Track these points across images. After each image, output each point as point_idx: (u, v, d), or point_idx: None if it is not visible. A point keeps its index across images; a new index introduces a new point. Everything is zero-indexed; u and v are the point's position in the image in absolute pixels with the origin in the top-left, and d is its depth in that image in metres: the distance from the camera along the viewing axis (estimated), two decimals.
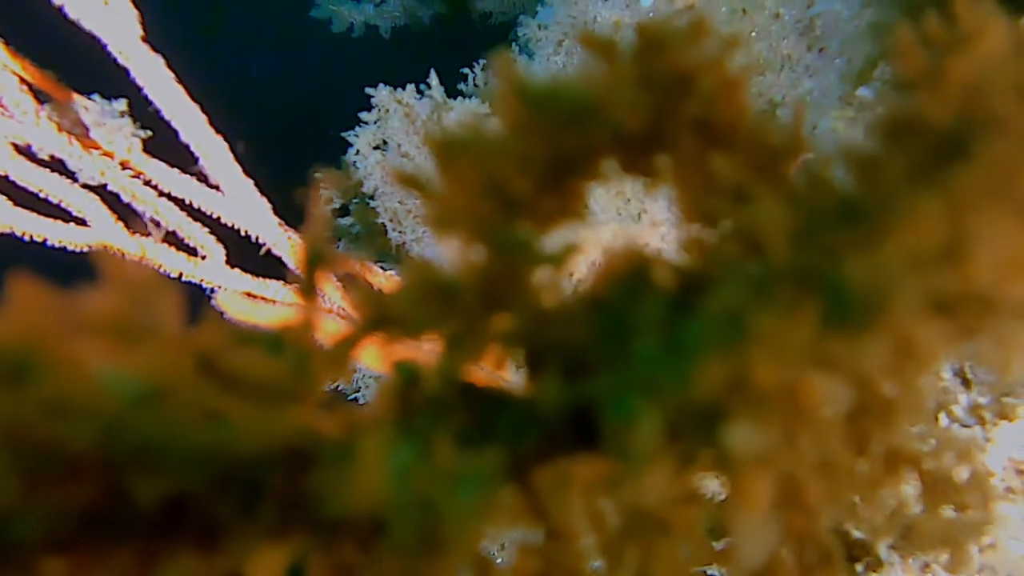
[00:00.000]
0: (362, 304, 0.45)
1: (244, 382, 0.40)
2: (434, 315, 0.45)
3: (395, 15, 4.33)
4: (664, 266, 0.46)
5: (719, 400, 0.38)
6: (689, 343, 0.40)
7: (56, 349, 0.36)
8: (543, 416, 0.44)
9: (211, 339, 0.40)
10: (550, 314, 0.45)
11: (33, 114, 1.36)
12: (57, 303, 0.37)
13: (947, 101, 0.44)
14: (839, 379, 0.38)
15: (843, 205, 0.41)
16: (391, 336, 0.45)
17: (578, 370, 0.44)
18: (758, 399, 0.38)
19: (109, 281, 0.41)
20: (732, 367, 0.38)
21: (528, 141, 0.45)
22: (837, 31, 2.16)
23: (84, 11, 1.26)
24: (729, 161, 0.46)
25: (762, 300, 0.38)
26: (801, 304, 0.38)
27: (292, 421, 0.41)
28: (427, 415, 0.45)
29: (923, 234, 0.38)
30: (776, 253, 0.40)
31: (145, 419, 0.37)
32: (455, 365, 0.45)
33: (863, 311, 0.38)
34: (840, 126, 2.09)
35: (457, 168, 0.45)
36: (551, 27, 2.59)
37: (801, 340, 0.37)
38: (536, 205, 0.47)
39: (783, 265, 0.40)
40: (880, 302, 0.37)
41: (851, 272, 0.38)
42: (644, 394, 0.40)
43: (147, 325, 0.39)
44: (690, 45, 0.45)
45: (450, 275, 0.45)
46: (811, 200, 0.42)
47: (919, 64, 0.47)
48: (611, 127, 0.45)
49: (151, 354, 0.37)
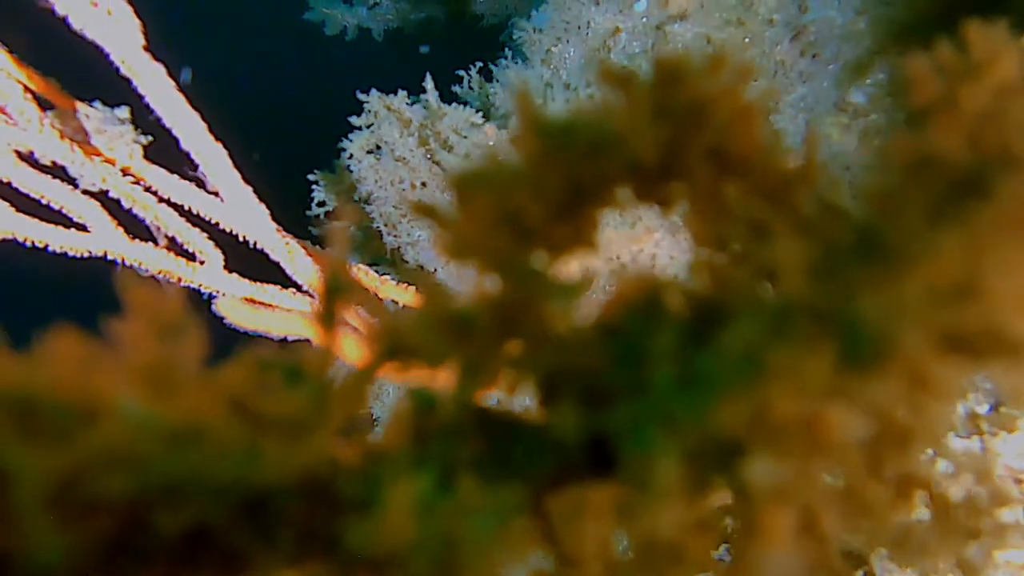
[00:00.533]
0: (378, 334, 0.45)
1: (266, 418, 0.41)
2: (450, 345, 0.45)
3: (388, 18, 4.34)
4: (677, 292, 0.47)
5: (737, 433, 0.39)
6: (707, 376, 0.40)
7: (93, 399, 0.37)
8: (558, 444, 0.44)
9: (236, 376, 0.41)
10: (564, 341, 0.46)
11: (37, 122, 1.36)
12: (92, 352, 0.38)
13: (961, 131, 0.45)
14: (856, 412, 0.39)
15: (859, 239, 0.42)
16: (407, 365, 0.46)
17: (592, 397, 0.45)
18: (776, 433, 0.38)
19: (135, 314, 0.41)
20: (751, 402, 0.38)
21: (545, 173, 0.45)
22: (831, 37, 2.17)
23: (87, 21, 1.26)
24: (742, 189, 0.47)
25: (780, 335, 0.39)
26: (818, 340, 0.38)
27: (310, 452, 0.42)
28: (442, 442, 0.45)
29: (940, 271, 0.38)
30: (794, 288, 0.40)
31: (175, 462, 0.37)
32: (470, 392, 0.46)
33: (879, 348, 0.38)
34: (834, 132, 2.10)
35: (474, 200, 0.45)
36: (545, 31, 2.59)
37: (819, 376, 0.38)
38: (550, 233, 0.47)
39: (800, 300, 0.40)
40: (895, 339, 0.38)
41: (867, 309, 0.38)
42: (662, 426, 0.40)
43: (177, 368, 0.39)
44: (707, 77, 0.45)
45: (465, 305, 0.45)
46: (827, 234, 0.43)
47: (932, 92, 0.47)
48: (627, 159, 0.46)
49: (183, 400, 0.38)
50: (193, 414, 0.38)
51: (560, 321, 0.45)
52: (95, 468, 0.36)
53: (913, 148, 0.44)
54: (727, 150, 0.47)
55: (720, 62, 0.45)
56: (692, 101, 0.46)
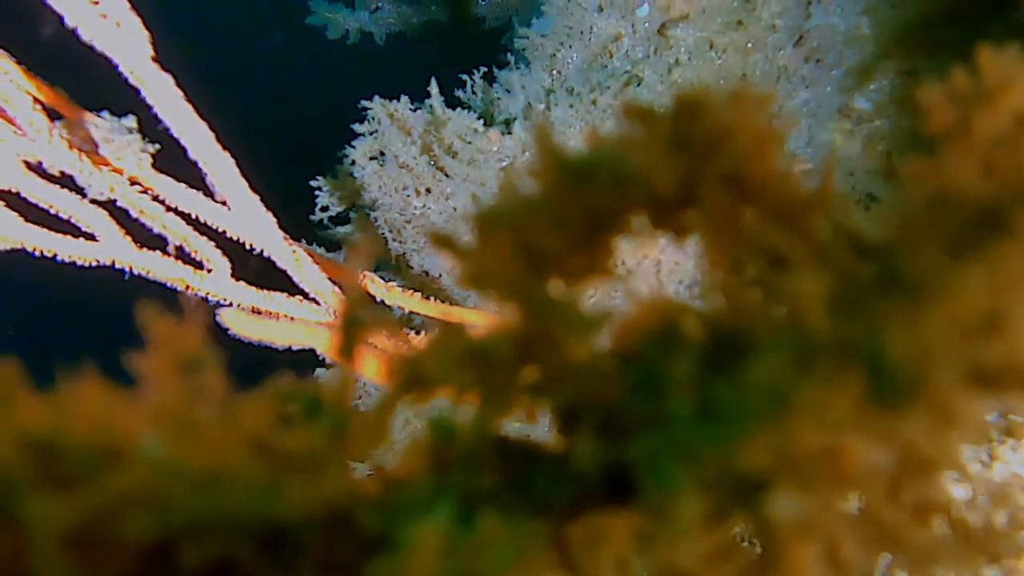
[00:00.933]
0: (398, 365, 0.46)
1: (286, 454, 0.41)
2: (469, 375, 0.45)
3: (390, 21, 4.34)
4: (693, 317, 0.47)
5: (760, 467, 0.39)
6: (729, 410, 0.40)
7: (116, 441, 0.38)
8: (577, 473, 0.45)
9: (257, 413, 0.41)
10: (582, 370, 0.46)
11: (46, 132, 1.37)
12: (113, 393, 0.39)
13: (976, 158, 0.45)
14: (881, 446, 0.39)
15: (880, 271, 0.42)
16: (426, 396, 0.46)
17: (611, 426, 0.45)
18: (800, 467, 0.39)
19: (156, 349, 0.42)
20: (775, 437, 0.39)
21: (564, 206, 0.46)
22: (834, 42, 2.17)
23: (97, 33, 1.27)
24: (758, 215, 0.47)
25: (803, 371, 0.39)
26: (843, 375, 0.39)
27: (330, 486, 0.42)
28: (462, 471, 0.46)
29: (964, 306, 0.39)
30: (816, 323, 0.41)
31: (199, 502, 0.38)
32: (489, 421, 0.46)
33: (907, 387, 0.38)
34: (838, 138, 2.10)
35: (495, 235, 0.46)
36: (548, 37, 2.60)
37: (845, 411, 0.38)
38: (567, 262, 0.48)
39: (823, 335, 0.40)
40: (923, 378, 0.38)
41: (893, 346, 0.39)
42: (682, 460, 0.41)
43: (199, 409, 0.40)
44: (725, 109, 0.46)
45: (484, 336, 0.45)
46: (846, 264, 0.43)
47: (946, 119, 0.48)
48: (646, 191, 0.46)
49: (205, 441, 0.39)
50: (215, 455, 0.39)
51: (578, 350, 0.46)
52: (119, 510, 0.37)
53: (930, 178, 0.45)
54: (743, 176, 0.47)
55: (739, 96, 0.46)
56: (710, 131, 0.46)
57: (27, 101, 1.35)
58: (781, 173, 0.47)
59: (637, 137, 0.46)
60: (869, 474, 0.40)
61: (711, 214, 0.48)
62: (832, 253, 0.45)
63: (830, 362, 0.40)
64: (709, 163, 0.47)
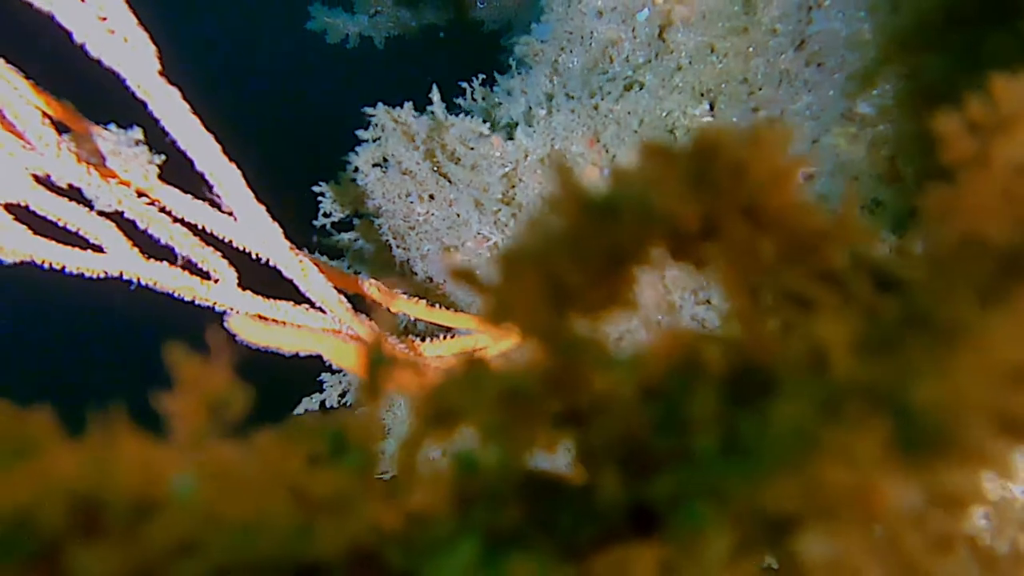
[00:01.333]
0: (423, 401, 0.46)
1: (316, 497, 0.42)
2: (494, 410, 0.46)
3: (388, 25, 4.35)
4: (714, 349, 0.47)
5: (788, 507, 0.40)
6: (756, 450, 0.41)
7: (157, 493, 0.38)
8: (601, 507, 0.45)
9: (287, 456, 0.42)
10: (606, 405, 0.46)
11: (55, 146, 1.37)
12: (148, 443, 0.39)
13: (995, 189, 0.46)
14: (909, 487, 0.40)
15: (905, 314, 0.43)
16: (451, 431, 0.46)
17: (635, 460, 0.45)
18: (829, 508, 0.39)
19: (184, 389, 0.43)
20: (803, 479, 0.39)
21: (586, 242, 0.46)
22: (835, 47, 2.17)
23: (104, 49, 1.27)
24: (778, 247, 0.48)
25: (830, 415, 0.40)
26: (872, 421, 0.39)
27: (358, 526, 0.42)
28: (486, 507, 0.46)
29: (995, 355, 0.39)
30: (842, 370, 0.41)
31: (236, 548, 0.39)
32: (514, 456, 0.46)
33: (936, 436, 0.39)
34: (842, 142, 2.11)
35: (518, 270, 0.46)
36: (548, 42, 2.60)
37: (873, 457, 0.38)
38: (587, 296, 0.48)
39: (851, 380, 0.41)
40: (954, 427, 0.39)
41: (923, 393, 0.39)
42: (709, 498, 0.41)
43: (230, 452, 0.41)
44: (744, 146, 0.46)
45: (512, 373, 0.46)
46: (869, 302, 0.43)
47: (964, 149, 0.48)
48: (666, 226, 0.47)
49: (240, 489, 0.39)
50: (250, 500, 0.39)
51: (603, 386, 0.46)
52: (163, 560, 0.37)
53: (952, 211, 0.45)
54: (761, 208, 0.48)
55: (757, 133, 0.46)
56: (728, 166, 0.46)
57: (36, 116, 1.35)
58: (799, 204, 0.48)
59: (658, 174, 0.46)
60: (897, 512, 0.40)
61: (730, 246, 0.48)
62: (853, 288, 0.45)
63: (857, 406, 0.40)
64: (728, 197, 0.47)
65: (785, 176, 0.48)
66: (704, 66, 2.34)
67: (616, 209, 0.46)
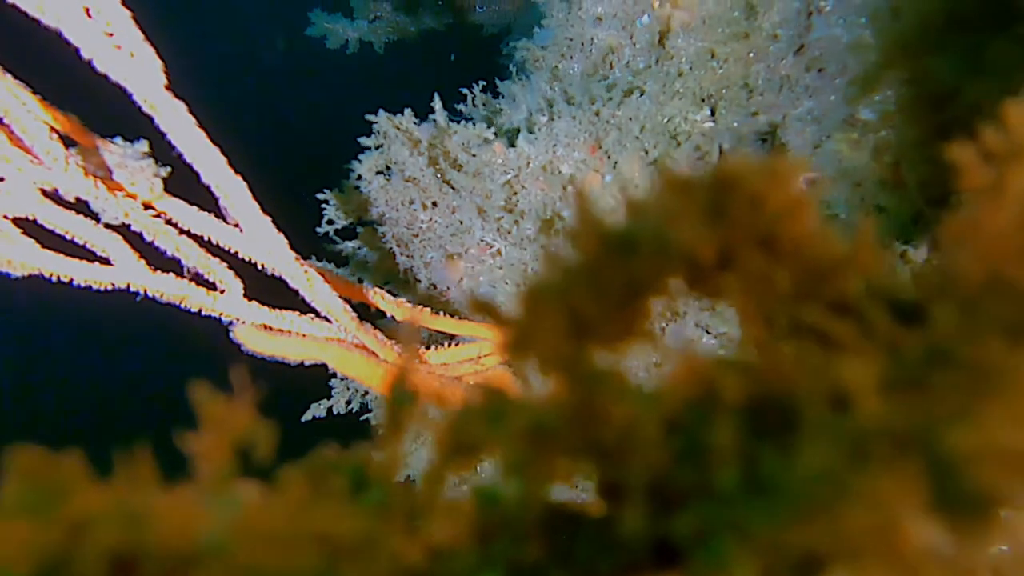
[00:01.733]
0: (445, 433, 0.46)
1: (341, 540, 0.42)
2: (519, 446, 0.46)
3: (388, 30, 4.36)
4: (732, 380, 0.47)
5: (813, 547, 0.40)
6: (779, 488, 0.41)
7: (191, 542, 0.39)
8: (623, 542, 0.45)
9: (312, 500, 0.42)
10: (627, 439, 0.46)
11: (62, 160, 1.38)
12: (188, 497, 0.40)
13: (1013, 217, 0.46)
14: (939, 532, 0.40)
15: (930, 352, 0.43)
16: (472, 464, 0.47)
17: (657, 493, 0.45)
18: (856, 548, 0.39)
19: (209, 429, 0.43)
20: (830, 520, 0.39)
21: (606, 275, 0.47)
22: (836, 52, 2.18)
23: (111, 64, 1.28)
24: (793, 276, 0.48)
25: (858, 458, 0.40)
26: (902, 466, 0.39)
27: (382, 566, 0.43)
28: (507, 540, 0.46)
29: None
30: (868, 411, 0.41)
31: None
32: (535, 490, 0.47)
33: (976, 493, 0.39)
34: (844, 148, 2.11)
35: (537, 304, 0.46)
36: (548, 49, 2.60)
37: (905, 505, 0.39)
38: (605, 328, 0.48)
39: (878, 423, 0.41)
40: (992, 482, 0.39)
41: (957, 440, 0.39)
42: (733, 535, 0.41)
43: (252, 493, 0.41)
44: (760, 178, 0.46)
45: (534, 406, 0.46)
46: (891, 338, 0.44)
47: (979, 178, 0.48)
48: (684, 258, 0.47)
49: (272, 540, 0.40)
50: (280, 555, 0.40)
51: (623, 419, 0.46)
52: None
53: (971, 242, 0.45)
54: (777, 238, 0.48)
55: (772, 164, 0.47)
56: (745, 197, 0.47)
57: (44, 130, 1.36)
58: (815, 233, 0.48)
59: (676, 206, 0.47)
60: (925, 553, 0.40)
61: (746, 276, 0.49)
62: (870, 319, 0.45)
63: (886, 450, 0.40)
64: (745, 228, 0.47)
65: (801, 207, 0.48)
66: (705, 71, 2.34)
67: (634, 242, 0.46)
